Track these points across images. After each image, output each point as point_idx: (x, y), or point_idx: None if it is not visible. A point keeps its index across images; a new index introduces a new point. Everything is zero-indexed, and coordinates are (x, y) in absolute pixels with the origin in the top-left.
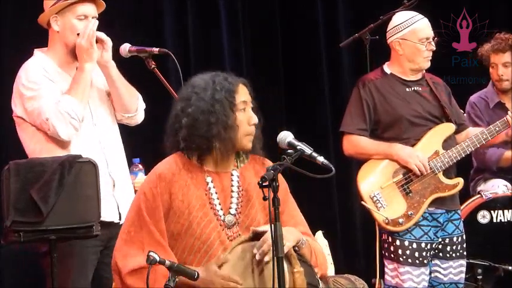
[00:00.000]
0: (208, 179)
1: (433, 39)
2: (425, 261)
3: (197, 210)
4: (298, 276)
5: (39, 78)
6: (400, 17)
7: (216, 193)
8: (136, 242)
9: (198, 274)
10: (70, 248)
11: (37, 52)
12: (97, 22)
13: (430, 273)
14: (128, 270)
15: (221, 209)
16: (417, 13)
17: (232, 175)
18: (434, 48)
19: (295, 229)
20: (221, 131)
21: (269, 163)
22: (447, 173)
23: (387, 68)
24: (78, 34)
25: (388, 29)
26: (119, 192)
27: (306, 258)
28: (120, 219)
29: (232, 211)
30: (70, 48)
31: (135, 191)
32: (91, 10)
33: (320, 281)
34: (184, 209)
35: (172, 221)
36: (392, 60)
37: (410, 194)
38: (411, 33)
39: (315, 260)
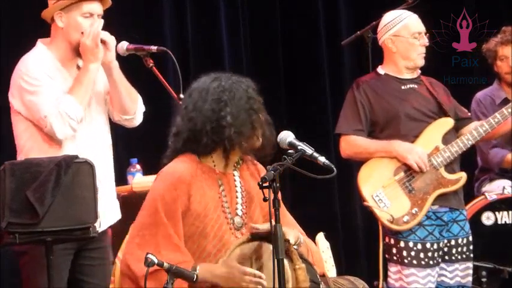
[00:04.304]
0: (220, 181)
1: (425, 35)
2: (431, 262)
3: (212, 213)
4: (300, 273)
5: (40, 74)
6: (390, 15)
7: (225, 195)
8: (151, 245)
9: (196, 276)
10: (41, 249)
11: (39, 44)
12: (102, 21)
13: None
14: (144, 272)
15: (229, 211)
16: (406, 10)
17: (234, 176)
18: (428, 43)
19: (293, 227)
20: (263, 128)
21: (260, 165)
22: (449, 168)
23: (381, 69)
24: (82, 33)
25: (379, 29)
26: (101, 198)
27: (304, 256)
28: (99, 226)
29: (239, 212)
30: (73, 45)
31: (133, 192)
32: (97, 8)
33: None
34: (201, 211)
35: (187, 223)
36: (386, 60)
37: (413, 192)
38: (403, 29)
39: (312, 259)
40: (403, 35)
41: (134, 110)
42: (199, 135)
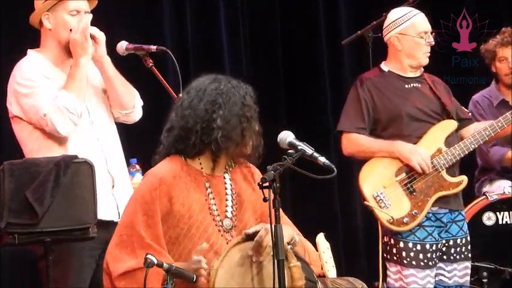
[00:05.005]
0: (207, 184)
1: (431, 34)
2: (430, 263)
3: (197, 214)
4: (295, 271)
5: (34, 75)
6: (397, 13)
7: (213, 198)
8: (128, 247)
9: (196, 277)
10: (67, 251)
11: (30, 52)
12: (91, 16)
13: (435, 276)
14: (118, 273)
15: (218, 214)
16: (413, 8)
17: (224, 178)
18: (433, 43)
19: (288, 226)
20: (252, 137)
21: (254, 167)
22: (450, 170)
23: (385, 66)
24: (71, 30)
25: (384, 26)
26: (118, 190)
27: (300, 255)
28: (119, 218)
29: (229, 214)
30: (63, 45)
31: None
32: (83, 5)
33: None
34: (185, 212)
35: (171, 225)
36: (390, 57)
37: (414, 193)
38: (410, 27)
39: (308, 258)
40: (410, 34)
41: (132, 104)
42: (189, 134)
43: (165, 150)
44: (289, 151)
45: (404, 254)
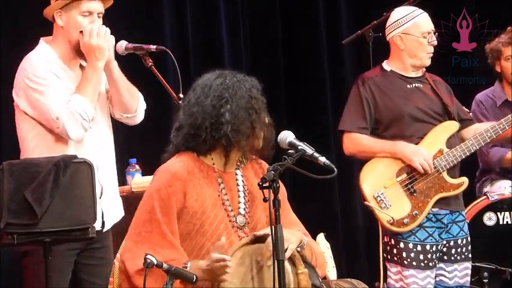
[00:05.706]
0: (219, 179)
1: (434, 34)
2: (430, 264)
3: (210, 210)
4: (302, 278)
5: (45, 72)
6: (401, 12)
7: (226, 194)
8: (147, 243)
9: (196, 278)
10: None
11: (42, 42)
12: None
13: (436, 276)
14: (135, 269)
15: (231, 210)
16: (417, 8)
17: (236, 175)
18: (436, 43)
19: (296, 230)
20: (263, 129)
21: (265, 164)
22: (451, 172)
23: (386, 65)
24: (81, 32)
25: (387, 25)
26: (105, 199)
27: (307, 259)
28: (102, 226)
29: (242, 211)
30: (73, 44)
31: (132, 193)
32: (96, 6)
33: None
34: (198, 208)
35: (184, 221)
36: (392, 56)
37: (415, 194)
38: (413, 27)
39: (315, 261)
40: (413, 34)
41: (135, 108)
42: (199, 131)
43: (175, 149)
44: (290, 151)
45: (404, 254)
